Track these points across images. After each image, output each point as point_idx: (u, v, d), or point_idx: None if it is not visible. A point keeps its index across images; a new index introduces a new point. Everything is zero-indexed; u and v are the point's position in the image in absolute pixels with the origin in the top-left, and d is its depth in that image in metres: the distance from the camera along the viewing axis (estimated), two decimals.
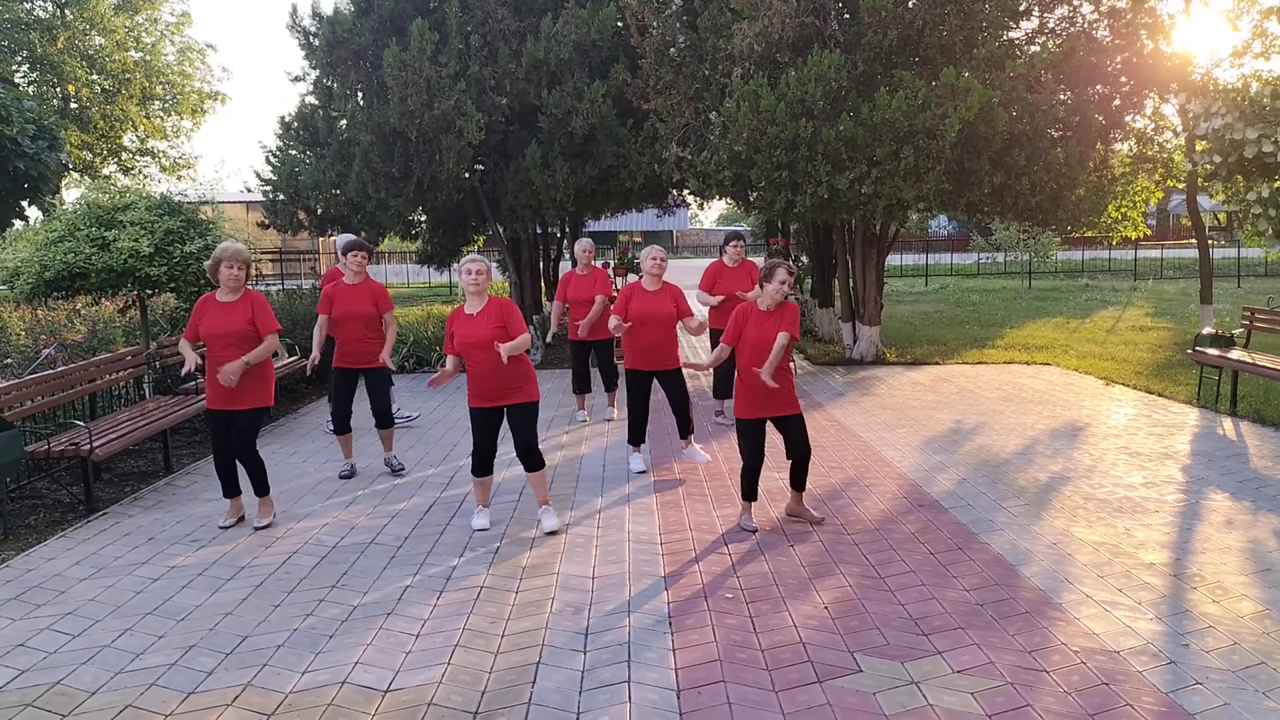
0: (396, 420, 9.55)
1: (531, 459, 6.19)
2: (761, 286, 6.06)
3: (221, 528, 6.43)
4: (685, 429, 7.76)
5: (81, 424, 7.49)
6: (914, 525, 6.20)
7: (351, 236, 9.45)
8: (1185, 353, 11.48)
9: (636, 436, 7.74)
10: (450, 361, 6.21)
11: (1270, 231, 9.31)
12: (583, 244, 9.67)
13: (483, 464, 6.27)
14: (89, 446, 6.79)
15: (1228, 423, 9.15)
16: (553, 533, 6.16)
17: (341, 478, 7.71)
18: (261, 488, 6.51)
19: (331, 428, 8.26)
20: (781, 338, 5.88)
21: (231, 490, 6.50)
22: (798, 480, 6.27)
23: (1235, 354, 9.86)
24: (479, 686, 4.10)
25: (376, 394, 7.75)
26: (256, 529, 6.40)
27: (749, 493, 6.22)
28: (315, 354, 7.64)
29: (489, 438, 6.21)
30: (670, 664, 4.26)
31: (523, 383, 6.14)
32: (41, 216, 10.77)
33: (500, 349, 5.82)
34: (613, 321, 7.46)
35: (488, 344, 5.99)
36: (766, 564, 5.52)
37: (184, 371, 6.25)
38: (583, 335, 9.25)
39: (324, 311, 7.68)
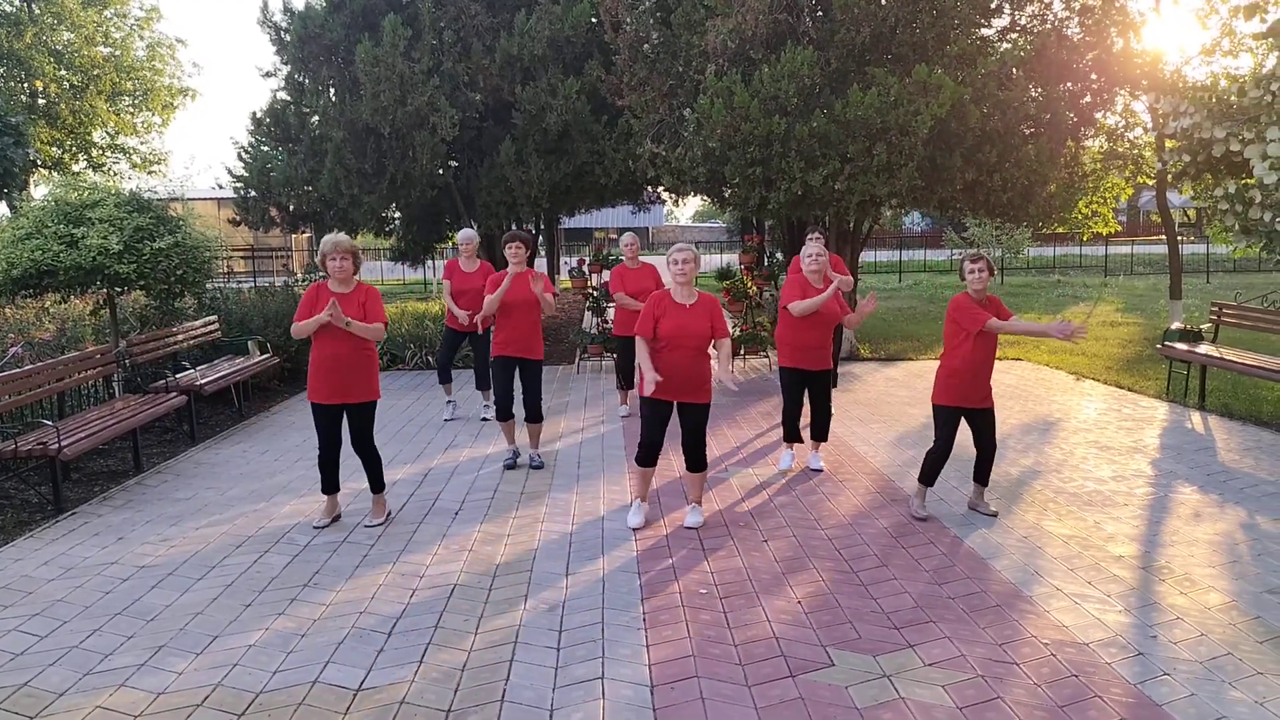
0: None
1: (697, 459, 6.11)
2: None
3: (316, 528, 6.29)
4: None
5: (50, 423, 7.40)
6: (886, 520, 6.24)
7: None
8: (1155, 348, 11.60)
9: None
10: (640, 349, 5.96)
11: (1237, 228, 9.41)
12: (627, 239, 9.47)
13: (652, 456, 6.11)
14: (57, 446, 6.71)
15: (1196, 417, 9.25)
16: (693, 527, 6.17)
17: (506, 468, 7.74)
18: (378, 484, 6.41)
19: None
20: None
21: (331, 487, 6.35)
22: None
23: (1204, 349, 9.97)
24: (452, 684, 4.08)
25: (529, 388, 7.69)
26: (368, 527, 6.31)
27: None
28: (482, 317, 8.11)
29: (662, 430, 6.09)
30: (644, 660, 4.26)
31: (704, 382, 6.03)
32: (8, 213, 10.63)
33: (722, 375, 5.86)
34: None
35: (698, 339, 5.88)
36: (740, 559, 5.53)
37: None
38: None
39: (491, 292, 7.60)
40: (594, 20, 13.80)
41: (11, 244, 9.06)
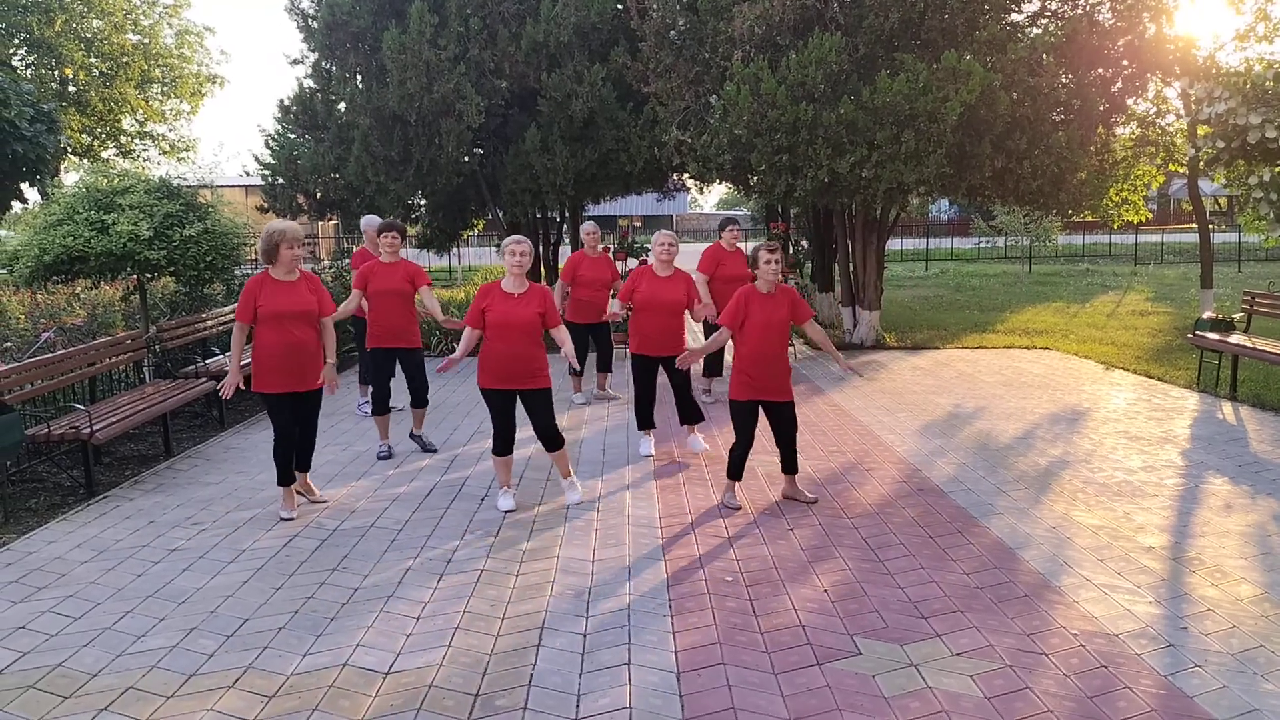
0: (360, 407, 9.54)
1: (553, 440, 6.28)
2: (754, 271, 6.16)
3: (286, 519, 6.27)
4: (688, 416, 7.69)
5: (81, 407, 7.49)
6: (913, 509, 6.21)
7: (376, 218, 9.47)
8: (1185, 337, 11.47)
9: (645, 422, 7.76)
10: (468, 338, 6.22)
11: (1272, 216, 9.28)
12: (588, 227, 9.70)
13: (506, 444, 6.32)
14: (89, 430, 6.79)
15: (1227, 407, 9.15)
16: (579, 504, 6.39)
17: (380, 459, 7.74)
18: (307, 463, 6.61)
19: (368, 410, 8.92)
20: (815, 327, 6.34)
21: (292, 477, 6.38)
22: (789, 464, 6.34)
23: (1235, 338, 9.85)
24: (479, 668, 4.11)
25: (417, 373, 7.86)
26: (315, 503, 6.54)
27: (735, 472, 6.28)
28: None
29: (509, 418, 6.27)
30: (670, 646, 4.27)
31: (542, 367, 6.21)
32: (40, 200, 10.73)
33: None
34: (614, 305, 7.47)
35: (523, 327, 6.07)
36: (766, 547, 5.53)
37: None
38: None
39: (359, 287, 7.74)
40: (620, 6, 13.76)
41: (43, 230, 9.15)
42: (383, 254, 7.80)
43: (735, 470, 6.27)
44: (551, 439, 6.27)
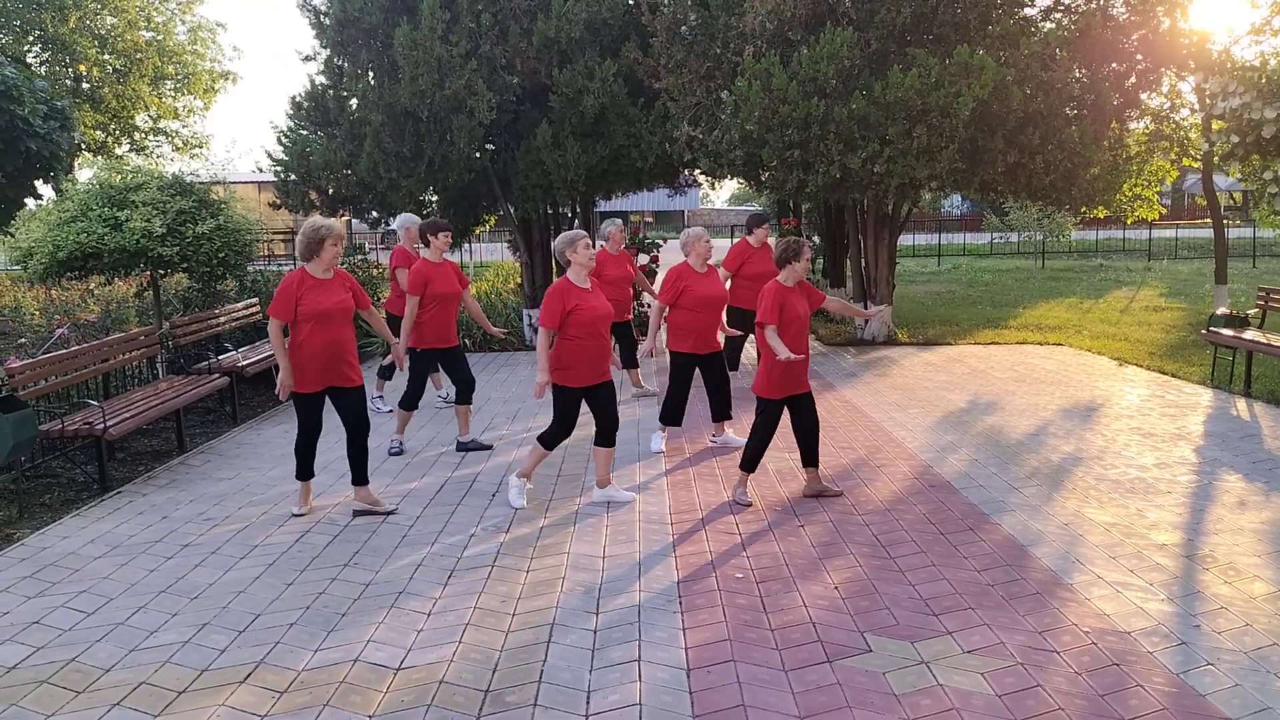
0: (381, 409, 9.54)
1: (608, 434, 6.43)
2: (784, 266, 6.12)
3: (298, 514, 6.29)
4: (724, 412, 7.75)
5: (95, 403, 7.53)
6: (925, 506, 6.20)
7: (414, 216, 9.45)
8: (1199, 333, 11.41)
9: (675, 418, 7.67)
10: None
11: None
12: (613, 226, 9.72)
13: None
14: (103, 425, 6.82)
15: (1241, 404, 9.10)
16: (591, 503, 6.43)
17: (390, 454, 7.77)
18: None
19: (381, 407, 9.26)
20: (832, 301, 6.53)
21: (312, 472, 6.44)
22: (811, 457, 6.33)
23: (1250, 334, 9.79)
24: (490, 664, 4.12)
25: (465, 367, 7.81)
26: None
27: (751, 465, 6.29)
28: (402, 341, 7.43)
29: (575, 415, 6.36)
30: (680, 643, 4.27)
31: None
32: (54, 196, 10.78)
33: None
34: (643, 348, 7.68)
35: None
36: (776, 544, 5.53)
37: None
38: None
39: (418, 293, 7.50)
40: (631, 2, 13.73)
41: (57, 227, 9.19)
42: (433, 254, 7.69)
43: (752, 463, 6.27)
44: (612, 431, 6.41)
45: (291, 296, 5.95)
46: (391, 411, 8.96)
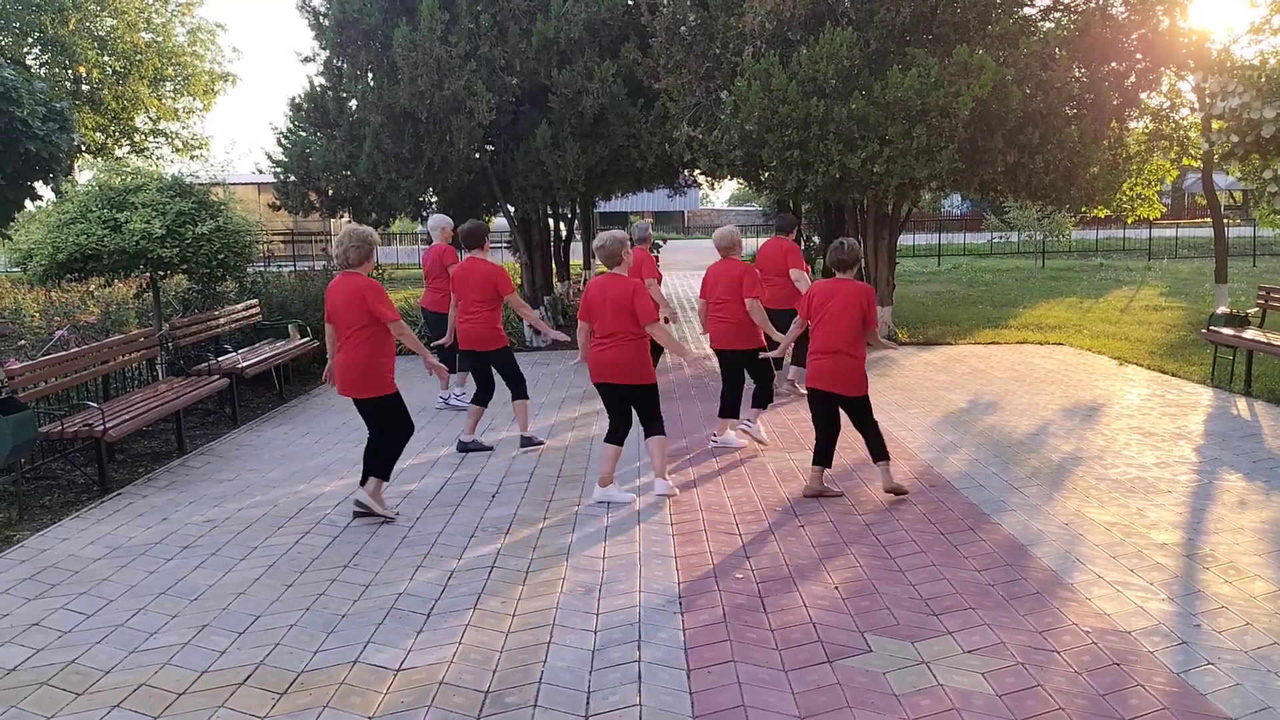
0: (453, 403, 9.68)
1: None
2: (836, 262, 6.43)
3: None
4: (762, 401, 7.68)
5: (95, 405, 7.52)
6: (925, 505, 6.19)
7: (446, 218, 9.74)
8: (1199, 333, 11.41)
9: (732, 411, 7.73)
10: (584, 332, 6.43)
11: None
12: (644, 228, 10.06)
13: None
14: (102, 427, 6.82)
15: (1242, 403, 9.10)
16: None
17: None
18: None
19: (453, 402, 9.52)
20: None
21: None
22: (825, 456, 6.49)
23: (1250, 334, 9.79)
24: (490, 666, 4.11)
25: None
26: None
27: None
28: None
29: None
30: (680, 643, 4.27)
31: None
32: (54, 198, 10.78)
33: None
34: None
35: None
36: (777, 544, 5.52)
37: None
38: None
39: (513, 288, 7.87)
40: (630, 2, 13.74)
41: (57, 228, 9.19)
42: (486, 255, 7.89)
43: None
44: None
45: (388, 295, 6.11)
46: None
